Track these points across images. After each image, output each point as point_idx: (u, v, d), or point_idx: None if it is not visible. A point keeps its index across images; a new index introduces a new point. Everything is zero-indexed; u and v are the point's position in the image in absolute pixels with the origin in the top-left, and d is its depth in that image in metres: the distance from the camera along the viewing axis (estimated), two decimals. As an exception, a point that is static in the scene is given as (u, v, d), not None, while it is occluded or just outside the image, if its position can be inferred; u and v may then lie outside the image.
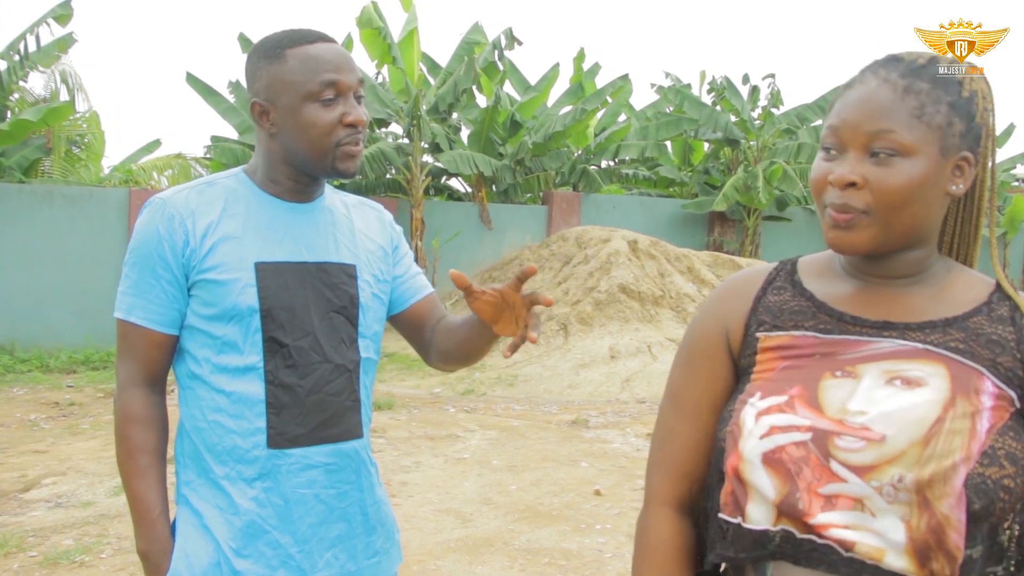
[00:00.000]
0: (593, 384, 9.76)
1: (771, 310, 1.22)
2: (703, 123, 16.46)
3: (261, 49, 1.63)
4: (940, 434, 1.03)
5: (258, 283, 1.59)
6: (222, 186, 1.67)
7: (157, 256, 1.59)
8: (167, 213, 1.60)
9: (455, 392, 9.40)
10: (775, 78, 17.42)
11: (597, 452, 6.77)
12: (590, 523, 4.99)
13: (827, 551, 1.05)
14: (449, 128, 14.50)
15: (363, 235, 1.79)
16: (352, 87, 1.61)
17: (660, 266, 12.61)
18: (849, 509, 1.04)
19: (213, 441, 1.62)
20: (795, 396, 1.12)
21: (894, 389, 1.08)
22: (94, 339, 10.64)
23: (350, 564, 1.70)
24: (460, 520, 5.03)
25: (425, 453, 6.57)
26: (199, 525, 1.61)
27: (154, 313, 1.60)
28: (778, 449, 1.08)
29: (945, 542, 1.00)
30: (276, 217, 1.66)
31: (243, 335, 1.60)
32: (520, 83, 16.35)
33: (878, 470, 1.03)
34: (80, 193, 11.18)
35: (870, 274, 1.19)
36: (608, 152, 15.94)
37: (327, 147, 1.60)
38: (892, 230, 1.11)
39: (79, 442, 6.75)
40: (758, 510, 1.09)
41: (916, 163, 1.09)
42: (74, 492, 5.43)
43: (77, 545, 4.48)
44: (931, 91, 1.10)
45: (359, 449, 1.72)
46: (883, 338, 1.13)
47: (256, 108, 1.63)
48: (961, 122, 1.11)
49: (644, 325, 11.24)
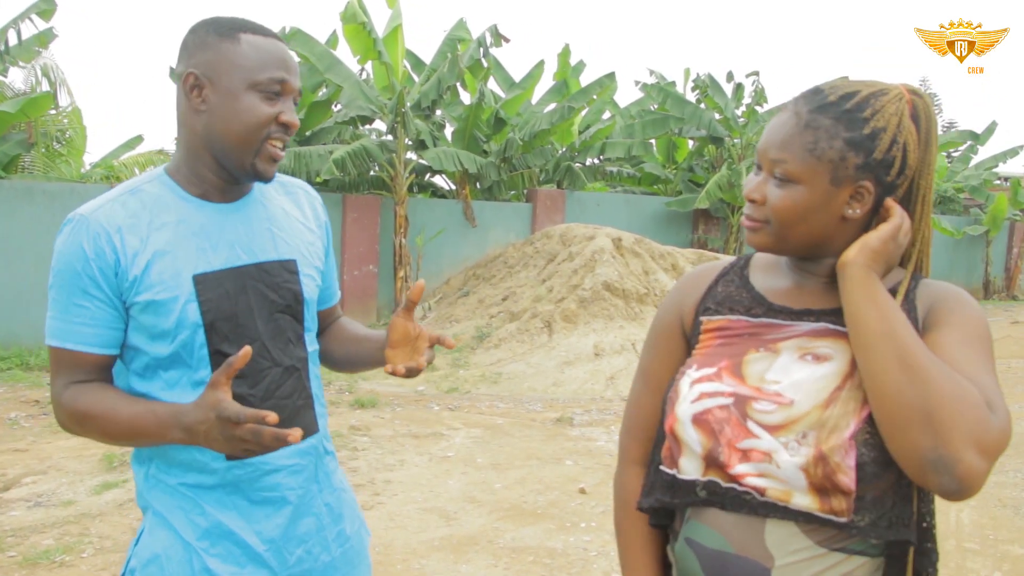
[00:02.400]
0: (578, 382, 9.76)
1: (716, 298, 1.43)
2: (687, 121, 16.50)
3: (213, 24, 1.57)
4: (838, 400, 1.23)
5: (198, 297, 1.53)
6: (146, 194, 1.58)
7: (86, 277, 1.51)
8: (92, 231, 1.51)
9: (439, 390, 9.38)
10: (759, 76, 17.50)
11: (582, 450, 6.77)
12: (575, 521, 4.98)
13: (747, 496, 1.25)
14: (433, 125, 14.47)
15: (299, 224, 1.74)
16: (294, 92, 1.59)
17: (644, 264, 12.63)
18: (760, 461, 1.24)
19: (171, 454, 1.58)
20: (723, 368, 1.33)
21: (805, 363, 1.28)
22: (75, 337, 10.56)
23: (324, 555, 1.70)
24: (444, 519, 5.01)
25: (409, 451, 6.55)
26: (165, 525, 1.59)
27: (89, 336, 1.53)
28: (705, 411, 1.29)
29: (838, 484, 1.19)
30: (207, 222, 1.59)
31: (189, 351, 1.54)
32: (505, 80, 16.32)
33: (786, 428, 1.24)
34: (61, 189, 11.09)
35: (805, 271, 1.39)
36: (593, 150, 15.95)
37: (254, 140, 1.54)
38: (787, 240, 1.32)
39: (60, 440, 6.69)
40: (689, 463, 1.30)
41: (802, 191, 1.28)
42: (54, 491, 5.38)
43: (57, 545, 4.44)
44: (831, 127, 1.27)
45: (316, 444, 1.71)
46: (802, 322, 1.33)
47: (189, 79, 1.55)
48: (857, 156, 1.27)
49: (629, 323, 11.25)
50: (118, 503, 5.15)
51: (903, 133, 1.28)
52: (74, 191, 11.11)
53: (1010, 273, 20.87)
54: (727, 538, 1.27)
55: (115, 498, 5.24)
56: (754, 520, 1.26)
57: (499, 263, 13.75)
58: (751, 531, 1.25)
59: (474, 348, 11.05)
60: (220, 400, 1.37)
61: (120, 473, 5.76)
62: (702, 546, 1.30)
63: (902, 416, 1.13)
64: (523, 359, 10.47)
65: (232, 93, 1.53)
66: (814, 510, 1.22)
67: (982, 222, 20.10)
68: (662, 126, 16.38)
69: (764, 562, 1.24)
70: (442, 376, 9.95)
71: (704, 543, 1.30)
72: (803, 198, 1.28)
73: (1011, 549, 4.77)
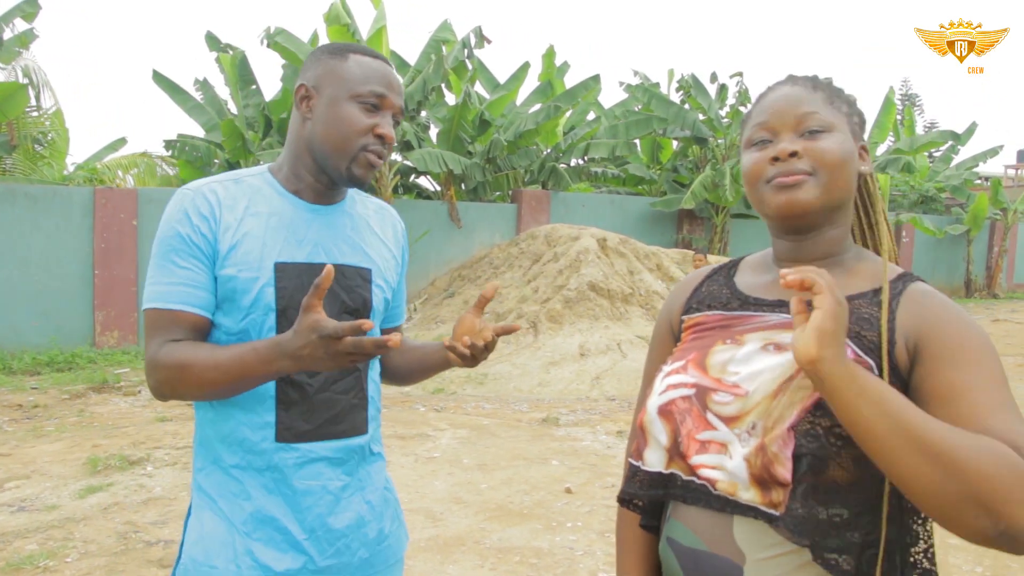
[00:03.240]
0: (563, 382, 9.78)
1: (699, 297, 1.46)
2: (671, 121, 16.57)
3: (328, 47, 1.72)
4: (788, 389, 1.20)
5: (276, 283, 1.63)
6: (247, 184, 1.70)
7: (190, 241, 1.60)
8: (197, 201, 1.62)
9: (425, 391, 9.37)
10: (743, 76, 17.58)
11: (568, 450, 6.79)
12: (561, 521, 4.99)
13: (703, 489, 1.24)
14: (418, 126, 14.47)
15: (380, 241, 1.84)
16: (394, 108, 1.69)
17: (629, 264, 12.67)
18: (716, 452, 1.23)
19: (225, 431, 1.66)
20: (690, 360, 1.33)
21: (767, 353, 1.26)
22: (58, 340, 10.50)
23: (362, 551, 1.76)
24: (431, 519, 5.01)
25: (395, 452, 6.55)
26: (213, 508, 1.67)
27: (190, 296, 1.60)
28: (670, 403, 1.30)
29: (776, 476, 1.17)
30: (297, 218, 1.70)
31: (257, 331, 1.63)
32: (489, 82, 16.34)
33: (740, 420, 1.22)
34: (43, 192, 11.02)
35: (790, 260, 1.37)
36: (578, 151, 15.98)
37: (352, 148, 1.65)
38: (832, 191, 1.29)
39: (43, 444, 6.66)
40: (654, 455, 1.31)
41: (838, 135, 1.30)
42: (38, 495, 5.35)
43: (41, 550, 4.42)
44: (831, 90, 1.34)
45: (363, 445, 1.76)
46: (775, 313, 1.32)
47: (300, 90, 1.69)
48: (856, 116, 1.34)
49: (614, 323, 11.29)
50: (102, 507, 5.13)
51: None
52: (56, 193, 11.04)
53: (991, 272, 21.05)
54: (700, 536, 1.27)
55: (99, 502, 5.22)
56: (722, 516, 1.24)
57: (484, 264, 13.76)
58: (721, 528, 1.24)
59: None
60: (317, 321, 1.42)
61: (104, 477, 5.73)
62: (679, 544, 1.30)
63: (951, 507, 1.05)
64: (509, 360, 10.48)
65: (335, 102, 1.65)
66: (756, 503, 1.19)
67: (963, 221, 20.26)
68: (646, 127, 16.44)
69: (736, 559, 1.22)
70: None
71: (681, 541, 1.29)
72: (845, 141, 1.30)
73: (993, 545, 4.81)
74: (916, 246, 20.16)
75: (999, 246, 21.03)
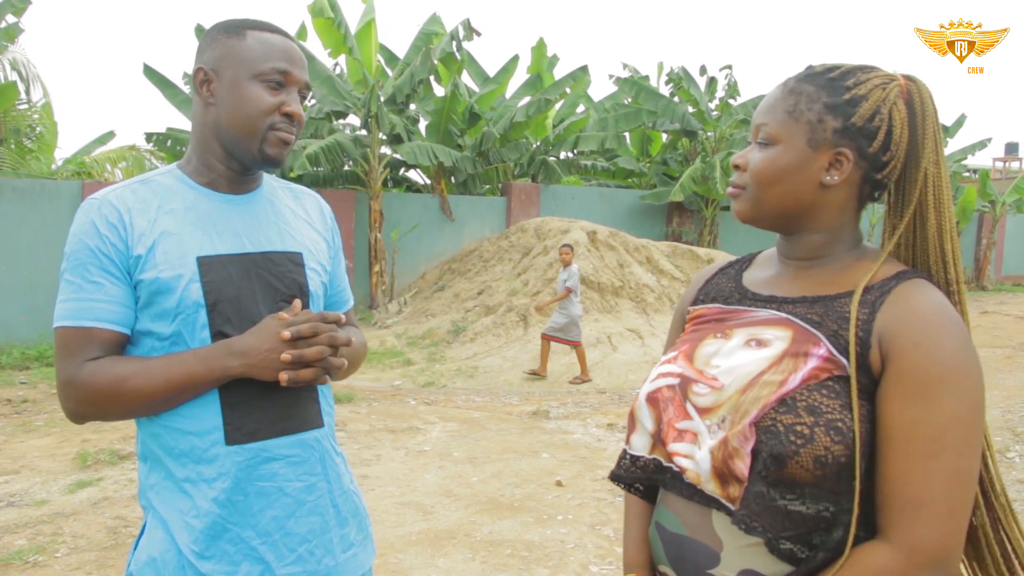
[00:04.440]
0: (553, 375, 9.79)
1: (707, 290, 1.48)
2: (661, 114, 16.56)
3: (223, 24, 1.64)
4: (756, 384, 1.22)
5: (201, 278, 1.55)
6: (157, 183, 1.63)
7: (100, 254, 1.53)
8: (103, 211, 1.55)
9: (415, 384, 9.37)
10: (732, 69, 17.58)
11: (558, 443, 6.80)
12: (552, 514, 5.00)
13: (678, 476, 1.28)
14: (407, 119, 14.44)
15: (306, 224, 1.77)
16: (299, 83, 1.63)
17: (619, 257, 12.68)
18: (689, 442, 1.26)
19: (171, 444, 1.58)
20: (682, 351, 1.36)
21: (748, 348, 1.28)
22: (47, 335, 10.45)
23: (328, 559, 1.67)
24: (422, 513, 5.02)
25: (386, 446, 6.55)
26: (164, 530, 1.58)
27: (104, 312, 1.53)
28: (657, 390, 1.33)
29: (733, 470, 1.19)
30: (214, 210, 1.63)
31: (190, 332, 1.55)
32: (478, 74, 16.31)
33: (712, 411, 1.24)
34: (31, 186, 10.96)
35: (786, 256, 1.39)
36: (567, 143, 15.97)
37: (259, 128, 1.59)
38: (762, 204, 1.32)
39: (33, 439, 6.63)
40: (639, 439, 1.35)
41: (778, 150, 1.29)
42: (27, 491, 5.33)
43: (31, 544, 4.40)
44: (813, 92, 1.29)
45: (321, 439, 1.68)
46: (765, 309, 1.34)
47: (199, 74, 1.62)
48: (835, 120, 1.27)
49: (604, 315, 11.30)
50: (92, 502, 5.11)
51: (887, 106, 1.27)
52: (44, 188, 10.99)
53: (979, 264, 21.15)
54: (682, 521, 1.29)
55: (89, 497, 5.20)
56: (701, 504, 1.26)
57: (474, 257, 13.75)
58: (701, 515, 1.26)
59: (450, 342, 11.05)
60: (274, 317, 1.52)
61: (94, 471, 5.72)
62: (665, 529, 1.33)
63: None
64: (499, 352, 10.48)
65: (236, 83, 1.59)
66: (717, 495, 1.22)
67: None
68: (636, 119, 16.43)
69: (714, 546, 1.24)
70: (418, 370, 9.95)
71: (666, 526, 1.33)
72: (778, 157, 1.28)
73: (980, 535, 4.85)
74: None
75: (987, 238, 21.13)
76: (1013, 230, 22.44)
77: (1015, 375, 10.08)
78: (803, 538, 1.18)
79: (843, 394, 1.18)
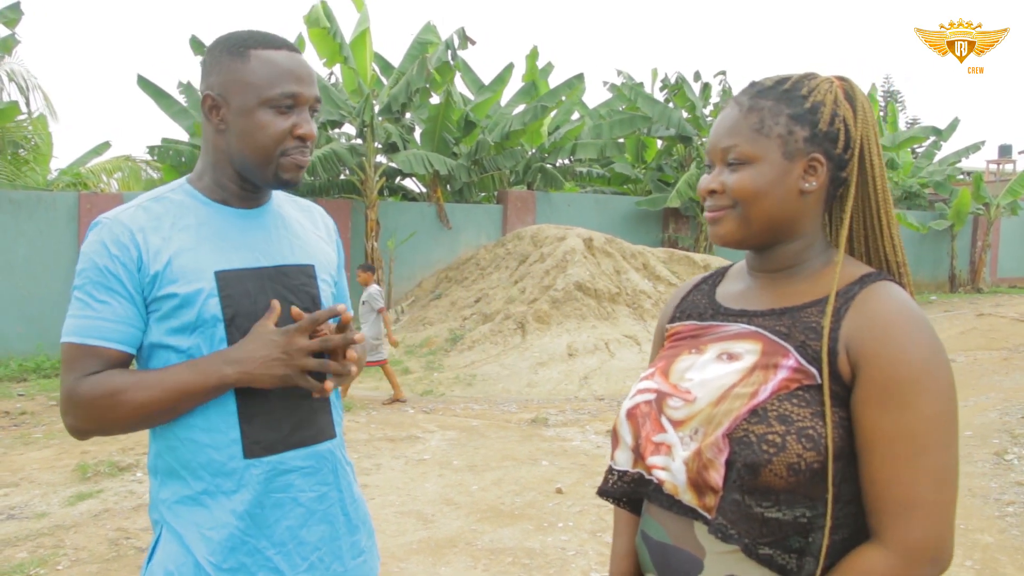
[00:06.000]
0: (552, 382, 9.80)
1: (683, 307, 1.52)
2: (656, 120, 16.61)
3: (225, 43, 1.62)
4: (728, 397, 1.25)
5: (220, 292, 1.57)
6: (169, 200, 1.64)
7: (110, 274, 1.55)
8: (115, 231, 1.56)
9: (414, 393, 9.38)
10: (726, 75, 17.72)
11: (557, 450, 6.81)
12: (552, 521, 5.01)
13: (658, 489, 1.32)
14: (403, 128, 14.46)
15: (315, 236, 1.80)
16: (309, 101, 1.61)
17: (616, 263, 12.70)
18: (665, 454, 1.30)
19: (187, 457, 1.59)
20: (659, 368, 1.41)
21: (720, 362, 1.32)
22: (44, 347, 10.44)
23: (337, 565, 1.69)
24: (422, 521, 5.02)
25: (385, 455, 6.55)
26: (179, 543, 1.59)
27: (110, 332, 1.55)
28: (635, 406, 1.38)
29: (708, 480, 1.23)
30: (227, 225, 1.64)
31: (208, 345, 1.57)
32: (473, 82, 16.34)
33: (686, 424, 1.28)
34: (27, 197, 10.96)
35: (757, 269, 1.43)
36: (564, 151, 16.00)
37: (272, 155, 1.59)
38: (751, 221, 1.34)
39: (32, 452, 6.63)
40: (622, 455, 1.40)
41: (758, 168, 1.32)
42: (27, 503, 5.33)
43: (31, 557, 4.40)
44: (773, 107, 1.33)
45: (333, 449, 1.71)
46: (736, 323, 1.37)
47: (208, 101, 1.61)
48: (803, 129, 1.32)
49: (601, 322, 11.31)
50: (93, 514, 5.11)
51: (840, 108, 1.33)
52: (41, 199, 10.99)
53: (975, 266, 21.21)
54: (666, 531, 1.33)
55: (89, 509, 5.20)
56: (681, 515, 1.30)
57: (471, 265, 13.77)
58: (683, 525, 1.30)
59: (448, 350, 11.06)
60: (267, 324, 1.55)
61: (94, 483, 5.71)
62: (650, 538, 1.37)
63: None
64: (497, 360, 10.49)
65: (246, 112, 1.58)
66: (695, 505, 1.26)
67: (947, 217, 20.41)
68: (631, 126, 16.47)
69: (697, 554, 1.28)
70: (417, 379, 9.95)
71: (651, 535, 1.36)
72: (761, 174, 1.31)
73: (981, 538, 4.86)
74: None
75: (982, 241, 21.19)
76: (1008, 232, 22.51)
77: (1012, 377, 10.11)
78: (781, 544, 1.21)
79: (814, 403, 1.22)
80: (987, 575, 4.37)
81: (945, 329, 14.20)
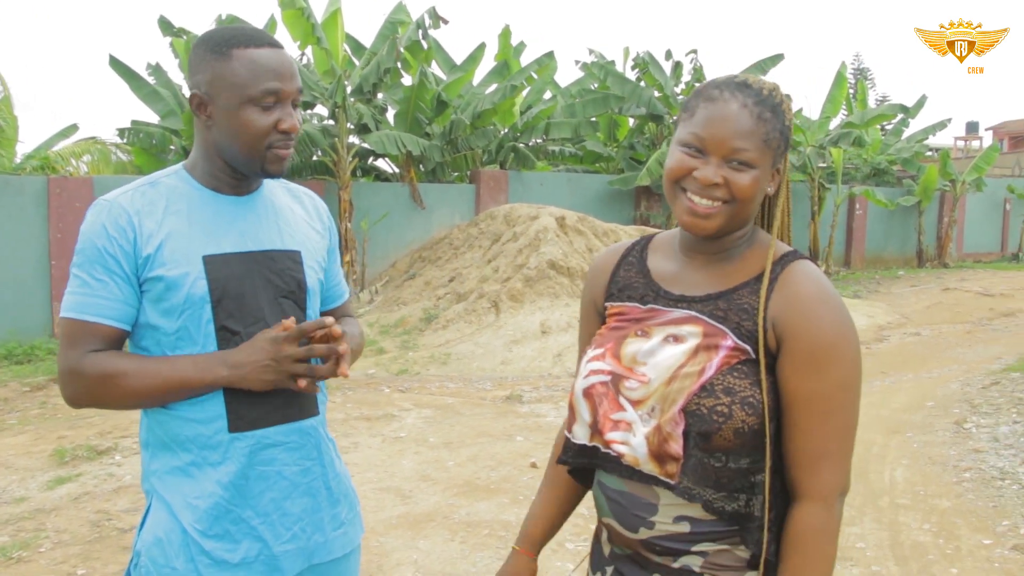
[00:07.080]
0: (526, 360, 9.90)
1: (619, 284, 1.63)
2: (627, 99, 16.65)
3: (209, 42, 1.70)
4: (678, 376, 1.43)
5: (207, 275, 1.66)
6: (164, 185, 1.73)
7: (107, 254, 1.63)
8: (113, 213, 1.65)
9: (389, 372, 9.45)
10: (697, 54, 17.72)
11: (532, 426, 6.92)
12: (527, 495, 5.12)
13: (616, 461, 1.49)
14: (375, 109, 14.43)
15: (305, 223, 1.89)
16: (291, 95, 1.70)
17: (588, 241, 12.79)
18: (624, 430, 1.47)
19: (176, 431, 1.69)
20: (607, 349, 1.53)
21: (667, 345, 1.47)
22: (16, 333, 10.39)
23: (318, 536, 1.80)
24: (400, 497, 5.12)
25: (362, 433, 6.63)
26: (168, 511, 1.69)
27: (107, 309, 1.64)
28: (591, 387, 1.52)
29: (669, 451, 1.41)
30: (219, 211, 1.73)
31: (195, 326, 1.66)
32: (446, 63, 16.30)
33: (643, 403, 1.45)
34: (-5, 182, 10.85)
35: (697, 251, 1.55)
36: (537, 130, 16.03)
37: (258, 149, 1.68)
38: (738, 219, 1.48)
39: (7, 438, 6.64)
40: (580, 429, 1.54)
41: (757, 172, 1.45)
42: (5, 488, 5.36)
43: (13, 541, 4.45)
44: (772, 119, 1.45)
45: (317, 426, 1.82)
46: (677, 308, 1.52)
47: (195, 99, 1.70)
48: (783, 143, 1.48)
49: (574, 300, 11.41)
50: (72, 497, 5.16)
51: (791, 115, 1.51)
52: (8, 183, 10.88)
53: (941, 242, 21.49)
54: (624, 483, 1.51)
55: (69, 492, 5.25)
56: (641, 482, 1.48)
57: (444, 245, 13.81)
58: (643, 488, 1.48)
59: (422, 330, 11.12)
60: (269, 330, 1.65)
61: (72, 468, 5.75)
62: (607, 487, 1.54)
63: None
64: (471, 339, 10.58)
65: (230, 110, 1.67)
66: (656, 474, 1.44)
67: (914, 193, 20.64)
68: (603, 105, 16.51)
69: (653, 500, 1.47)
70: (392, 358, 10.02)
71: (610, 485, 1.53)
72: (758, 179, 1.45)
73: (939, 503, 5.03)
74: (869, 218, 20.53)
75: (948, 217, 21.46)
76: (973, 208, 22.82)
77: (974, 349, 10.34)
78: (731, 497, 1.43)
79: (751, 374, 1.42)
80: (944, 536, 4.54)
81: (912, 303, 14.45)
